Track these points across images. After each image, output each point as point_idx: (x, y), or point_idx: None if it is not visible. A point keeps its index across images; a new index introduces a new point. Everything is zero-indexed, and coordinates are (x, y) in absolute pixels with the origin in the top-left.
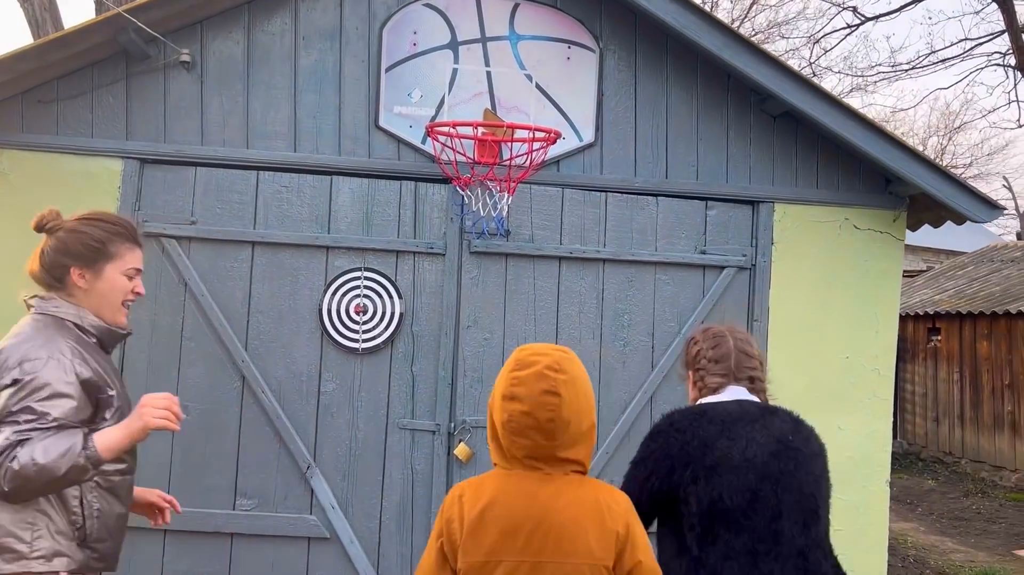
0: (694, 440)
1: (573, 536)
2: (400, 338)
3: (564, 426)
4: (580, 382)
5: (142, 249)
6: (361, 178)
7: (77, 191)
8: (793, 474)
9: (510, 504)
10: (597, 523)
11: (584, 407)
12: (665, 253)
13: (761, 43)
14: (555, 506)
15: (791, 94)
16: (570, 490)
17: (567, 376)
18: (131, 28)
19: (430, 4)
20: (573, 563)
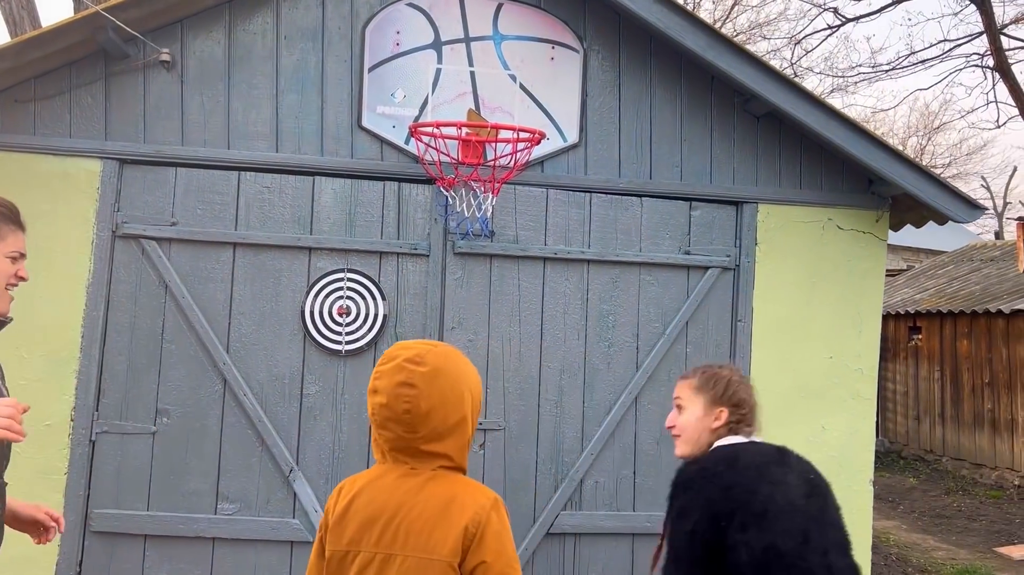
0: (735, 487)
1: (421, 531)
2: (384, 340)
3: (422, 418)
4: (446, 375)
5: (24, 232)
6: (344, 179)
7: (55, 192)
8: (825, 509)
9: (372, 496)
10: (447, 520)
11: (450, 400)
12: (649, 254)
13: (743, 43)
14: (411, 501)
15: (774, 94)
16: (430, 486)
17: (427, 368)
18: (110, 27)
19: (413, 4)
20: (419, 558)
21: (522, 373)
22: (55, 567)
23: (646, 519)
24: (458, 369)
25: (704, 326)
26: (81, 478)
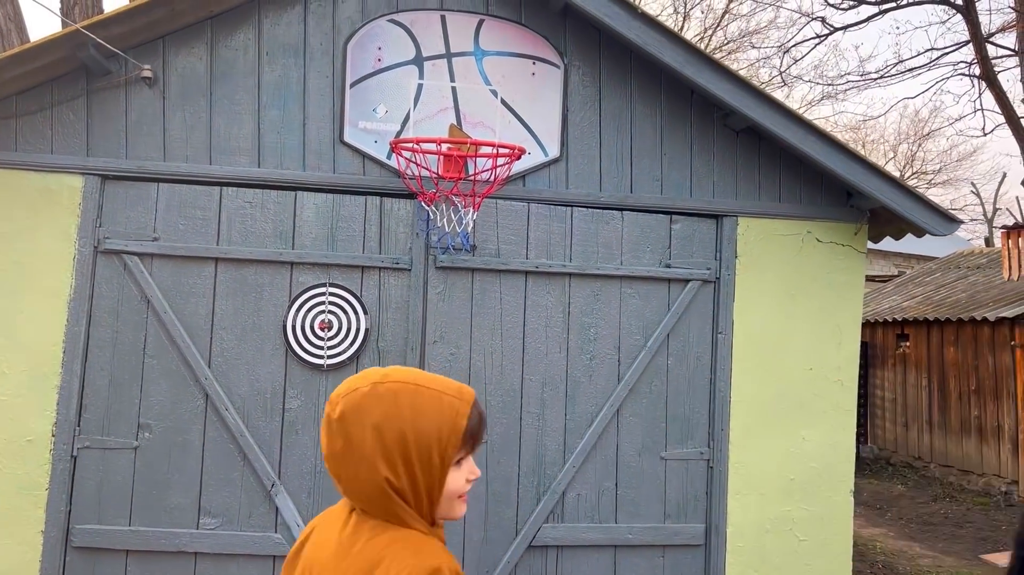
0: None
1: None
2: (366, 354)
3: (344, 480)
4: (357, 428)
5: None
6: (326, 193)
7: (36, 208)
8: None
9: (317, 540)
10: None
11: (364, 460)
12: (630, 267)
13: (732, 51)
14: (342, 557)
15: (752, 109)
16: (367, 543)
17: (337, 419)
18: (91, 44)
19: (395, 20)
20: None
21: (504, 386)
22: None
23: (628, 531)
24: (380, 414)
25: (685, 339)
26: (62, 494)
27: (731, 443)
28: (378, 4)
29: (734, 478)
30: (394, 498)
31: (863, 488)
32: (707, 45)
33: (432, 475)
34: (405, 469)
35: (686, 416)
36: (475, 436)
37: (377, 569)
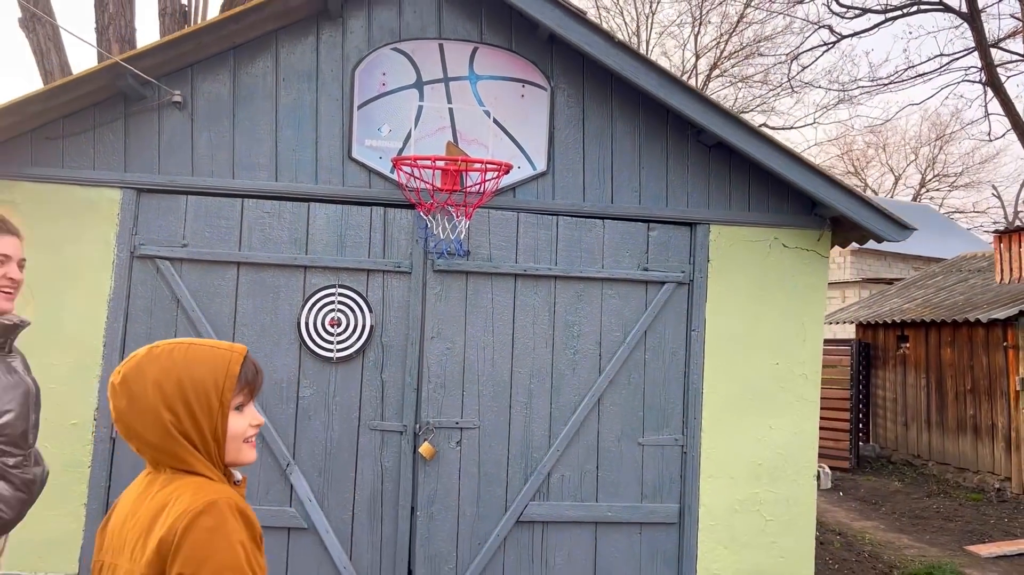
0: None
1: (136, 541)
2: (371, 348)
3: (124, 427)
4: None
5: (15, 236)
6: (336, 204)
7: (80, 218)
8: None
9: (119, 508)
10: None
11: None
12: (611, 270)
13: (748, 56)
14: (138, 509)
15: (720, 128)
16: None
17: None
18: (128, 74)
19: (397, 48)
20: (125, 567)
21: (495, 378)
22: (80, 550)
23: (607, 509)
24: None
25: (661, 335)
26: (103, 471)
27: (703, 431)
28: (383, 34)
29: (706, 463)
30: (180, 440)
31: (860, 485)
32: (723, 50)
33: (213, 418)
34: (186, 412)
35: (661, 406)
36: (251, 383)
37: (163, 513)
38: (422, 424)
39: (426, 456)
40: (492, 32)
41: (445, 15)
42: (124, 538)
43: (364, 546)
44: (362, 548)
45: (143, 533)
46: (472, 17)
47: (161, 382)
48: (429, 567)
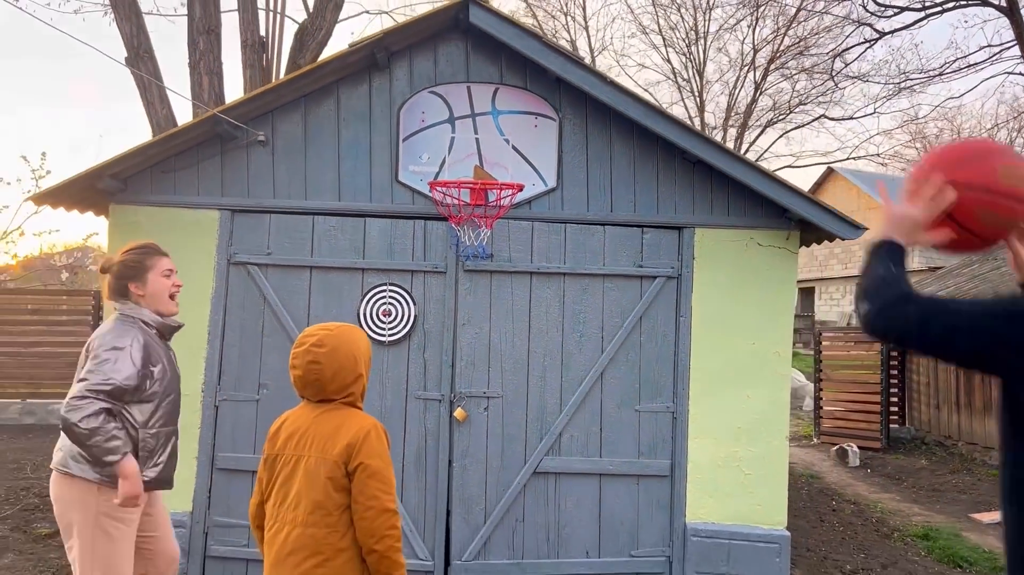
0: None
1: (322, 443)
2: (415, 333)
3: (328, 381)
4: (340, 351)
5: (168, 257)
6: (386, 219)
7: (188, 234)
8: None
9: (294, 422)
10: (337, 435)
11: (346, 366)
12: (611, 267)
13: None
14: (317, 425)
15: (698, 148)
16: (332, 416)
17: (327, 349)
18: (224, 122)
19: (434, 91)
20: (318, 458)
21: (515, 356)
22: (193, 492)
23: (609, 463)
24: (350, 342)
25: (654, 320)
26: (209, 432)
27: (690, 400)
28: (421, 80)
29: (692, 426)
30: (359, 385)
31: (889, 463)
32: (780, 43)
33: (367, 373)
34: (365, 368)
35: (654, 379)
36: None
37: (343, 426)
38: (456, 393)
39: (459, 419)
40: (510, 75)
41: (472, 63)
42: (309, 440)
43: (412, 491)
44: (411, 492)
45: (330, 437)
46: (494, 63)
47: (360, 346)
48: (463, 508)
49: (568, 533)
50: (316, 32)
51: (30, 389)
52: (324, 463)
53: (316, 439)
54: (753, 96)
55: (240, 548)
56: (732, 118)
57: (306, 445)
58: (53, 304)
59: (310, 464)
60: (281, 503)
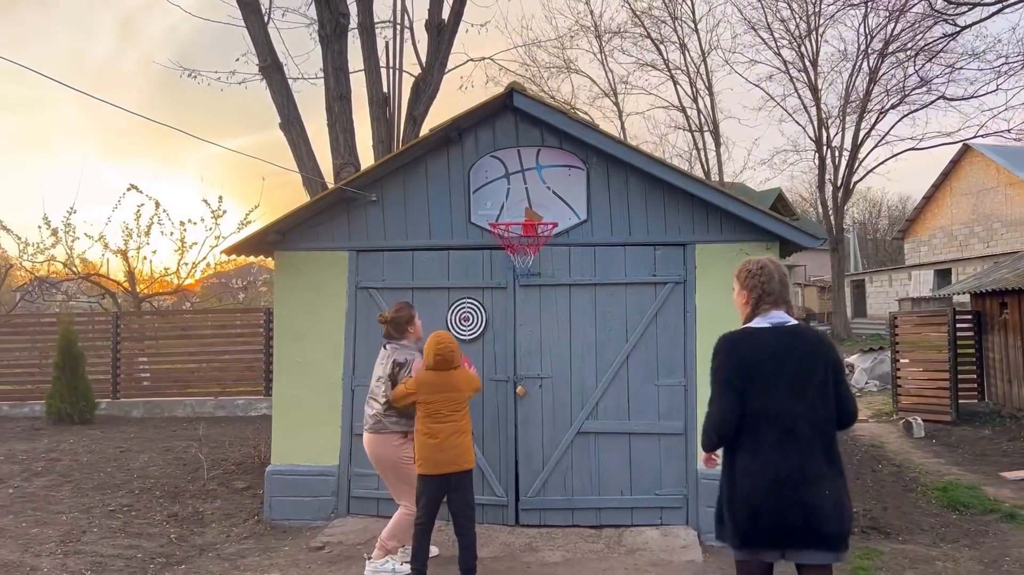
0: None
1: (456, 386)
2: (487, 333)
3: (453, 359)
4: (456, 347)
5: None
6: (463, 250)
7: (328, 269)
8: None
9: (433, 379)
10: (463, 383)
11: (458, 355)
12: (631, 277)
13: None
14: (450, 378)
15: (691, 188)
16: (458, 374)
17: (453, 346)
18: (348, 191)
19: (493, 155)
20: (454, 394)
21: (560, 347)
22: (338, 452)
23: (635, 425)
24: (450, 339)
25: (667, 316)
26: (348, 408)
27: (697, 375)
28: (484, 148)
29: (700, 396)
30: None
31: (954, 433)
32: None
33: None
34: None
35: (669, 361)
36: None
37: (465, 377)
38: (518, 376)
39: (520, 395)
40: (549, 138)
41: (520, 132)
42: (447, 387)
43: (490, 446)
44: (489, 447)
45: (459, 385)
46: (536, 131)
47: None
48: (526, 458)
49: (607, 477)
50: (427, 87)
51: (220, 388)
52: (458, 395)
53: (452, 386)
54: (869, 82)
55: (372, 490)
56: (849, 105)
57: (445, 389)
58: (230, 320)
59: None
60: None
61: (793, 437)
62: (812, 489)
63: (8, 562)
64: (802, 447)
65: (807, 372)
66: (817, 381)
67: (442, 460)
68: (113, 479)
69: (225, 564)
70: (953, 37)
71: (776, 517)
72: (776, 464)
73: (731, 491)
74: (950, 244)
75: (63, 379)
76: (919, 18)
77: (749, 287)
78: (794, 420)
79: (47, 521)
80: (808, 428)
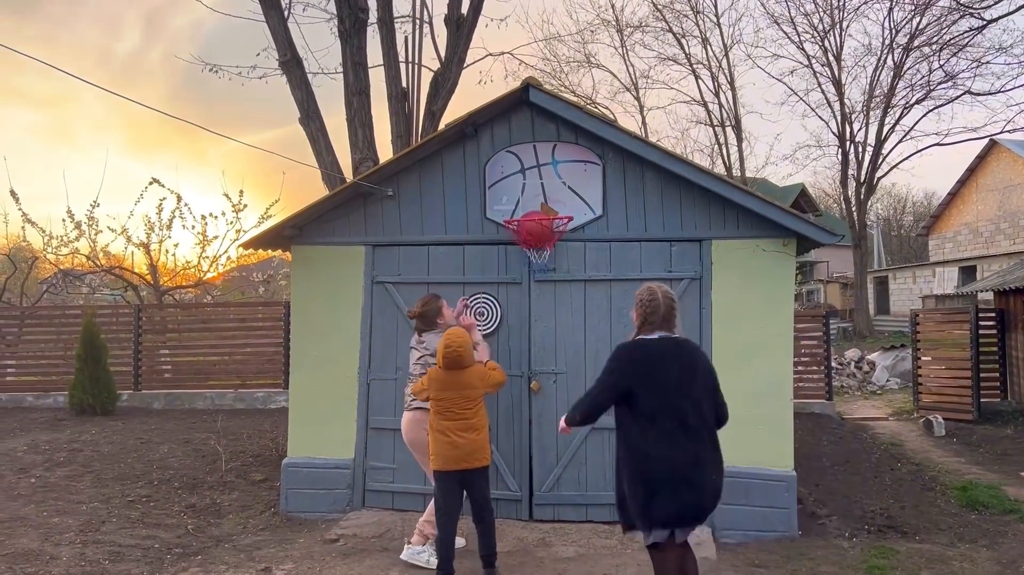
0: (638, 365)
1: (468, 384)
2: (502, 328)
3: (462, 359)
4: (467, 346)
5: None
6: (479, 245)
7: (345, 263)
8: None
9: (443, 377)
10: (476, 381)
11: (468, 354)
12: (647, 273)
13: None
14: (461, 376)
15: (706, 183)
16: (471, 371)
17: (463, 346)
18: (364, 186)
19: (509, 150)
20: (465, 392)
21: (574, 343)
22: (354, 445)
23: None
24: (469, 343)
25: (682, 312)
26: (364, 401)
27: None
28: (500, 143)
29: None
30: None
31: (975, 432)
32: (918, 24)
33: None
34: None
35: None
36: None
37: (478, 372)
38: (532, 371)
39: (535, 390)
40: (565, 133)
41: (536, 127)
42: (457, 386)
43: (504, 441)
44: (503, 442)
45: (471, 382)
46: (552, 126)
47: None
48: (540, 454)
49: None
50: (446, 82)
51: (240, 381)
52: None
53: (462, 383)
54: (893, 76)
55: (387, 483)
56: (873, 100)
57: (454, 386)
58: (251, 313)
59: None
60: (447, 410)
61: (686, 427)
62: (703, 472)
63: (29, 551)
64: (693, 436)
65: (690, 373)
66: (699, 382)
67: (453, 456)
68: (133, 470)
69: (241, 555)
70: (979, 31)
71: (676, 497)
72: (674, 451)
73: (633, 476)
74: (975, 241)
75: (86, 371)
76: (945, 12)
77: (639, 310)
78: (685, 413)
79: (67, 510)
80: (696, 420)
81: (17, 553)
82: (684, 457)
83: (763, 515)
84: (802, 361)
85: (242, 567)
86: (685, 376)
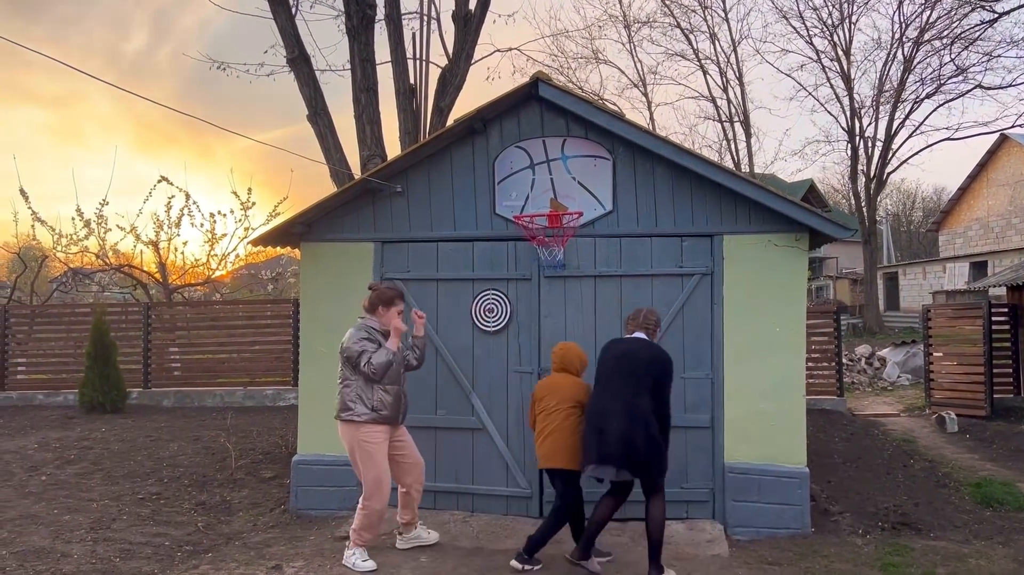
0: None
1: (565, 390)
2: (512, 324)
3: (566, 365)
4: (570, 352)
5: (404, 302)
6: (488, 242)
7: (354, 260)
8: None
9: (548, 383)
10: (574, 389)
11: (570, 359)
12: (657, 269)
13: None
14: (560, 382)
15: (718, 177)
16: (565, 379)
17: (564, 350)
18: (373, 181)
19: (518, 145)
20: (558, 399)
21: (585, 340)
22: None
23: None
24: (573, 349)
25: (694, 308)
26: None
27: (724, 368)
28: (509, 138)
29: (727, 388)
30: (580, 367)
31: (988, 428)
32: (928, 17)
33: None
34: (580, 364)
35: (696, 353)
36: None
37: (575, 382)
38: (542, 368)
39: None
40: (575, 128)
41: (545, 122)
42: (557, 392)
43: (514, 438)
44: (513, 439)
45: (568, 390)
46: (562, 120)
47: (578, 354)
48: None
49: None
50: (454, 78)
51: (249, 379)
52: (566, 403)
53: (562, 390)
54: (903, 71)
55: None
56: (883, 95)
57: (555, 392)
58: (260, 311)
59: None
60: (542, 411)
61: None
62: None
63: (40, 548)
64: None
65: (637, 364)
66: (640, 372)
67: (539, 455)
68: (143, 467)
69: (251, 553)
70: (991, 24)
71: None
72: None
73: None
74: (986, 236)
75: (96, 369)
76: (956, 5)
77: (629, 318)
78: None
79: (78, 508)
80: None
81: (28, 550)
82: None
83: (776, 512)
84: (812, 357)
85: (252, 565)
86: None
